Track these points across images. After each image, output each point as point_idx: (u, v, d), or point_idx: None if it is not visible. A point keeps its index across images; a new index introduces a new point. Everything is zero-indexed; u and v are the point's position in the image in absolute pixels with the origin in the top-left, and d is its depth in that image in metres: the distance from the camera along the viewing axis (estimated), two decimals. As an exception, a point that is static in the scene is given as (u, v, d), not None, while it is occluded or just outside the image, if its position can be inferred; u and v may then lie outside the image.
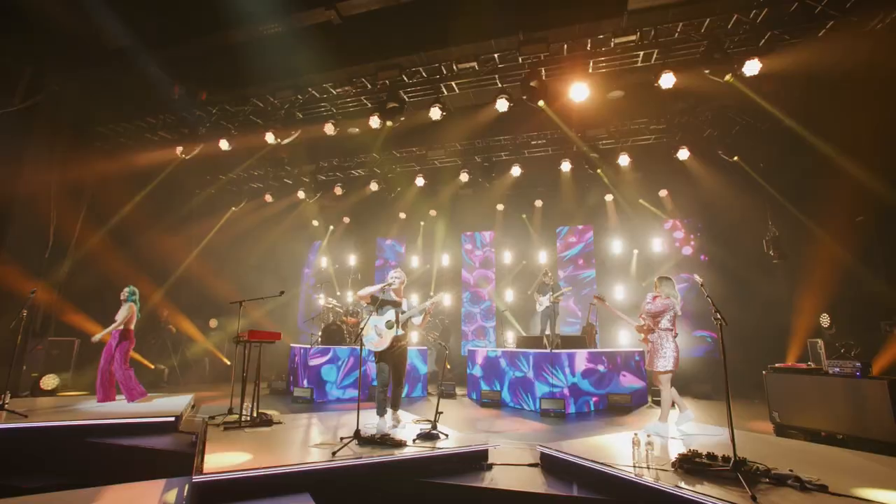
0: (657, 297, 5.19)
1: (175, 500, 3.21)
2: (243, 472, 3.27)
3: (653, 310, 5.13)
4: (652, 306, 5.14)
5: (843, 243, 7.68)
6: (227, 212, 11.34)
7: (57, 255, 7.74)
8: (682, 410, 5.10)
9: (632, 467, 3.41)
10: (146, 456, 4.53)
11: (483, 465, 4.13)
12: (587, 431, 5.66)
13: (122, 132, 8.89)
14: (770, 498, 2.80)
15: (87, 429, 4.90)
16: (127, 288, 6.51)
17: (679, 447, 4.11)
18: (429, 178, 10.39)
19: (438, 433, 4.44)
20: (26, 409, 5.31)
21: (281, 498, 3.23)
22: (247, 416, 5.02)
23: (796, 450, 4.13)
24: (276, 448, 3.98)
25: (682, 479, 3.15)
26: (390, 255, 13.90)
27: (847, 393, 4.76)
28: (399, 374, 4.96)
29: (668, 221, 11.06)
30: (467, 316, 12.96)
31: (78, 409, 5.56)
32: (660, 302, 5.13)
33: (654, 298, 5.19)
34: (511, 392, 7.78)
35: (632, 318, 5.86)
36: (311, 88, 7.74)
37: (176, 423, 5.30)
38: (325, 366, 8.19)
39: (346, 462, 3.61)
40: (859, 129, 6.30)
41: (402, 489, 3.66)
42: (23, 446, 4.67)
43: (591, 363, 7.60)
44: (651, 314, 5.13)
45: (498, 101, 7.02)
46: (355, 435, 4.10)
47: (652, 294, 5.28)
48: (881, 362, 6.83)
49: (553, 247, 12.38)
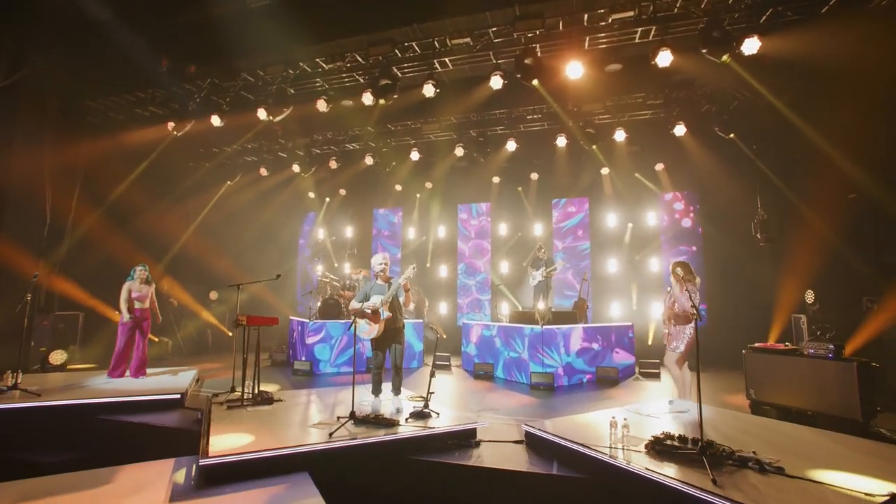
0: (686, 285, 4.87)
1: (184, 480, 3.47)
2: (246, 454, 3.51)
3: (696, 302, 4.67)
4: (694, 296, 4.76)
5: (832, 222, 7.79)
6: (223, 186, 11.31)
7: (55, 234, 7.82)
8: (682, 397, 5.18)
9: (607, 448, 3.66)
10: (154, 433, 4.82)
11: (472, 442, 4.41)
12: (574, 406, 5.96)
13: (112, 107, 8.75)
14: (730, 480, 3.05)
15: (98, 407, 5.17)
16: (144, 267, 6.68)
17: (658, 427, 4.37)
18: (424, 153, 10.32)
19: (430, 412, 4.69)
20: (38, 386, 5.56)
21: (281, 477, 3.48)
22: (248, 395, 5.28)
23: (765, 428, 4.40)
24: (277, 428, 4.24)
25: (652, 461, 3.40)
26: (385, 226, 13.97)
27: (819, 373, 5.01)
28: (396, 360, 5.16)
29: (669, 193, 11.09)
30: (462, 288, 13.19)
31: (88, 387, 5.82)
32: (696, 291, 4.88)
33: (684, 288, 4.88)
34: (505, 370, 8.08)
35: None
36: (302, 63, 7.57)
37: (182, 399, 5.58)
38: (317, 345, 8.43)
39: (343, 443, 3.86)
40: (854, 112, 6.28)
41: (395, 467, 3.93)
42: (38, 424, 4.95)
43: (587, 342, 7.85)
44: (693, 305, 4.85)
45: (492, 79, 6.89)
46: (351, 416, 4.35)
47: (680, 285, 4.96)
48: (858, 339, 7.12)
49: (549, 219, 12.45)
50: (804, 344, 5.30)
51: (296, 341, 9.19)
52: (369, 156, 10.41)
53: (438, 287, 13.08)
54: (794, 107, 7.40)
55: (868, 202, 6.94)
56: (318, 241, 13.71)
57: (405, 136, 10.11)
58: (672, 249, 11.05)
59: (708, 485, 2.94)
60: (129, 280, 6.54)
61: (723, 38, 5.93)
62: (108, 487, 3.37)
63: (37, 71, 7.36)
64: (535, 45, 6.57)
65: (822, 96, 6.96)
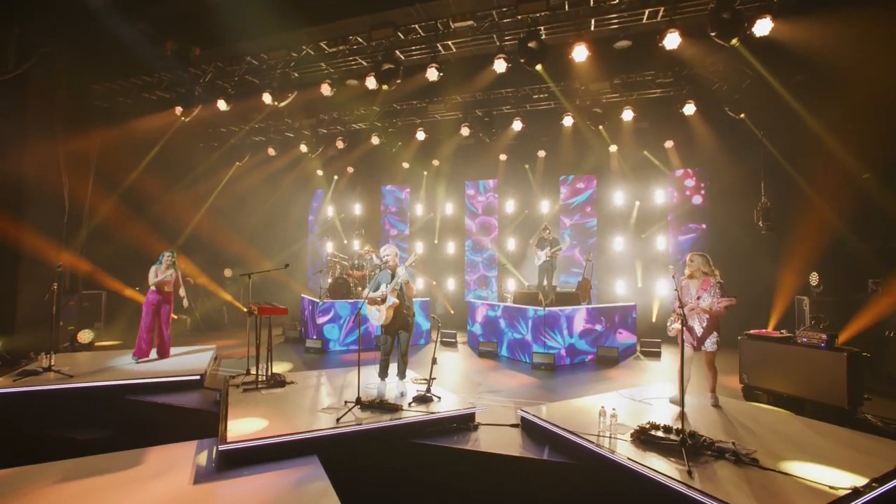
0: (708, 280, 4.69)
1: (205, 462, 3.82)
2: (260, 440, 3.84)
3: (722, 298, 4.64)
4: (721, 293, 4.65)
5: (839, 205, 7.71)
6: (233, 167, 11.47)
7: (74, 220, 8.13)
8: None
9: (595, 436, 3.90)
10: (177, 413, 5.21)
11: (470, 426, 4.70)
12: (572, 389, 6.20)
13: (120, 91, 8.86)
14: (706, 471, 3.28)
15: (125, 388, 5.58)
16: (171, 253, 6.94)
17: (650, 413, 4.60)
18: (429, 132, 10.29)
19: (432, 396, 4.98)
20: (70, 367, 5.99)
21: (293, 460, 3.81)
22: (262, 377, 5.62)
23: (750, 417, 4.60)
24: (289, 412, 4.56)
25: (636, 451, 3.63)
26: (392, 203, 14.08)
27: (811, 362, 5.14)
28: (402, 346, 5.41)
29: (680, 170, 10.96)
30: (469, 265, 13.39)
31: (115, 367, 6.22)
32: (719, 285, 4.69)
33: (706, 284, 4.69)
34: (509, 350, 8.36)
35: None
36: (305, 46, 7.54)
37: (201, 380, 5.97)
38: (327, 325, 8.75)
39: (349, 428, 4.17)
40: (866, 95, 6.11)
41: (398, 450, 4.25)
42: (72, 403, 5.38)
43: (590, 323, 8.04)
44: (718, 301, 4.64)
45: (496, 63, 6.80)
46: (357, 401, 4.65)
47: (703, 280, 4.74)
48: (860, 322, 7.19)
49: (556, 195, 12.43)
50: (798, 332, 5.41)
51: (307, 319, 9.56)
52: (375, 136, 10.41)
53: (446, 263, 13.30)
54: (805, 87, 7.20)
55: (876, 185, 6.85)
56: (326, 218, 13.92)
57: (411, 115, 10.07)
58: (681, 227, 11.03)
59: (684, 476, 3.16)
60: (156, 264, 6.82)
61: (733, 20, 5.75)
62: (139, 469, 3.74)
63: (45, 59, 7.45)
64: (540, 28, 6.44)
65: (834, 78, 6.75)
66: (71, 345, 7.86)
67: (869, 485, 3.04)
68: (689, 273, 4.93)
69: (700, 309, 4.75)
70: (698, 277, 4.84)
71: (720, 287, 4.74)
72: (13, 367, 6.51)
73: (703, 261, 4.87)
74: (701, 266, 4.82)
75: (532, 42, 6.33)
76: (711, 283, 4.72)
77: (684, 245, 11.05)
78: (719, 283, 4.74)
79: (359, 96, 8.90)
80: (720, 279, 4.79)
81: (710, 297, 4.70)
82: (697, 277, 4.85)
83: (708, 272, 4.79)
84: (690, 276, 4.92)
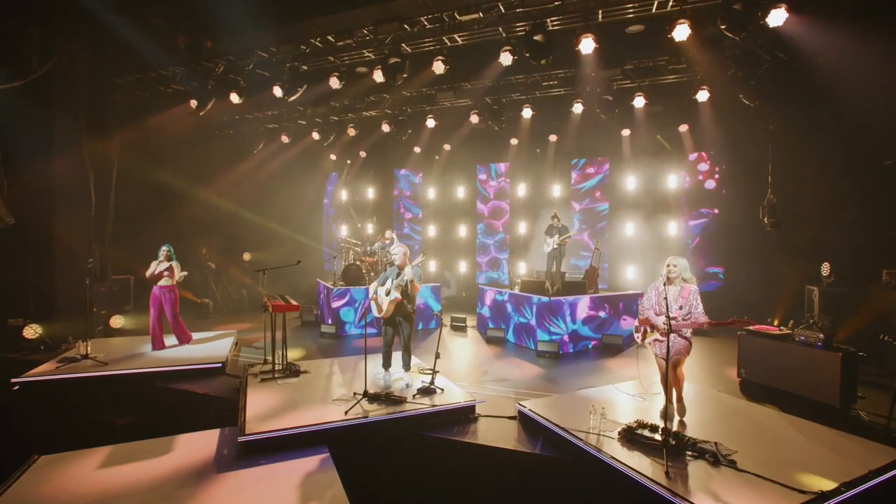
0: (687, 288, 4.42)
1: (227, 450, 4.23)
2: (276, 431, 4.22)
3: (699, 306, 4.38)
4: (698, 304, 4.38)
5: (855, 194, 7.56)
6: (247, 155, 11.75)
7: (101, 213, 8.57)
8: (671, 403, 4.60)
9: (584, 433, 4.15)
10: (200, 399, 5.65)
11: (471, 417, 5.01)
12: (573, 380, 6.42)
13: (138, 85, 9.11)
14: (683, 472, 3.50)
15: (154, 375, 6.07)
16: (168, 247, 7.09)
17: (644, 408, 4.82)
18: (439, 118, 10.30)
19: (435, 388, 5.30)
20: (105, 354, 6.51)
21: (305, 450, 4.19)
22: (279, 366, 6.02)
23: (739, 414, 4.78)
24: (302, 404, 4.93)
25: (622, 449, 3.88)
26: (406, 187, 14.24)
27: (807, 360, 5.25)
28: (405, 340, 5.71)
29: (693, 153, 10.80)
30: (481, 247, 13.58)
31: (145, 355, 6.71)
32: (699, 295, 4.44)
33: (686, 293, 4.40)
34: (515, 335, 8.63)
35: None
36: (312, 40, 7.59)
37: (223, 367, 6.42)
38: (343, 308, 9.12)
39: (356, 420, 4.52)
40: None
41: (401, 441, 4.59)
42: (109, 389, 5.89)
43: (593, 310, 8.21)
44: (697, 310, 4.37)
45: (502, 55, 6.77)
46: (364, 394, 5.00)
47: (683, 287, 4.44)
48: (867, 315, 7.18)
49: (567, 179, 12.39)
50: (796, 331, 5.48)
51: (322, 304, 9.96)
52: (386, 123, 10.49)
53: (458, 246, 13.53)
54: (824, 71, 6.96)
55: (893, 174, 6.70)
56: (340, 202, 14.18)
57: (420, 103, 10.08)
58: (692, 212, 10.94)
59: (660, 475, 3.40)
60: (155, 260, 6.99)
61: (745, 11, 5.58)
62: (169, 455, 4.17)
63: (66, 57, 7.71)
64: (546, 20, 6.36)
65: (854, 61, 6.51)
66: (104, 330, 8.43)
67: (837, 489, 3.23)
68: (668, 277, 4.47)
69: (683, 319, 4.35)
70: (677, 284, 4.46)
71: (699, 297, 4.40)
72: (54, 351, 7.11)
73: (685, 265, 4.50)
74: (682, 272, 4.45)
75: (538, 35, 6.27)
76: (691, 290, 4.39)
77: (695, 230, 11.00)
78: (698, 293, 4.43)
79: (369, 87, 8.94)
80: (692, 283, 4.47)
81: (694, 307, 4.35)
82: (676, 284, 4.46)
83: (688, 279, 4.46)
84: (669, 282, 4.48)
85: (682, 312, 4.36)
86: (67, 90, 7.93)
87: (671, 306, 4.34)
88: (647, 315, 4.58)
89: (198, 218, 11.19)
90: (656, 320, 4.48)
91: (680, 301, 4.39)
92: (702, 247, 10.97)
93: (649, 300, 4.61)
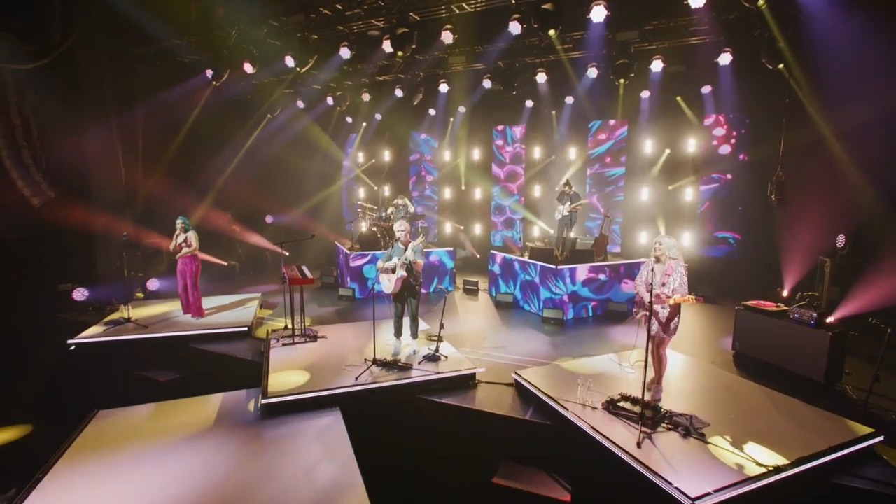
0: (671, 265, 4.53)
1: (252, 410, 4.83)
2: (294, 395, 4.77)
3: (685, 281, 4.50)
4: (684, 277, 4.51)
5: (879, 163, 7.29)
6: (265, 120, 11.96)
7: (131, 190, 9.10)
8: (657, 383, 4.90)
9: (571, 402, 4.54)
10: (229, 360, 6.28)
11: (471, 384, 5.47)
12: (576, 346, 6.76)
13: (157, 54, 9.28)
14: (654, 442, 3.86)
15: (188, 338, 6.72)
16: (181, 219, 7.24)
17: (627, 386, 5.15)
18: (453, 82, 10.18)
19: (440, 356, 5.74)
20: (145, 318, 7.20)
21: (320, 411, 4.74)
22: (298, 331, 6.56)
23: (723, 387, 5.07)
24: (318, 368, 5.46)
25: (604, 419, 4.25)
26: (422, 149, 14.27)
27: (798, 337, 5.42)
28: (412, 311, 6.11)
29: (711, 116, 10.45)
30: (497, 208, 13.74)
31: (180, 319, 7.36)
32: (684, 270, 4.54)
33: (670, 269, 4.52)
34: (522, 292, 9.05)
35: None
36: (321, 8, 7.55)
37: (249, 331, 7.05)
38: (365, 265, 9.62)
39: (366, 386, 5.03)
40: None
41: (406, 404, 5.10)
42: (150, 350, 6.60)
43: (593, 272, 8.44)
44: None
45: (511, 24, 6.63)
46: (374, 361, 5.49)
47: (669, 264, 4.54)
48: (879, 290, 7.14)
49: (584, 143, 12.20)
50: (792, 308, 5.61)
51: (342, 265, 10.43)
52: (399, 88, 10.43)
53: (473, 208, 13.69)
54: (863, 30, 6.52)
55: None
56: (358, 164, 14.37)
57: (433, 67, 9.94)
58: (703, 178, 10.77)
59: (632, 446, 3.77)
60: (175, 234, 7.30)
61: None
62: (206, 412, 4.80)
63: (87, 30, 7.90)
64: (557, -13, 6.15)
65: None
66: (143, 293, 9.18)
67: (793, 463, 3.54)
68: (656, 256, 4.60)
69: (665, 296, 4.48)
70: (664, 262, 4.57)
71: (685, 272, 4.52)
72: (100, 312, 7.86)
73: (672, 244, 4.60)
74: (669, 251, 4.55)
75: (546, 4, 6.09)
76: (674, 266, 4.49)
77: (705, 195, 10.87)
78: (684, 268, 4.52)
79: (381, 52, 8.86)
80: (685, 264, 4.57)
81: (673, 282, 4.48)
82: (664, 262, 4.57)
83: (675, 257, 4.55)
84: (657, 261, 4.61)
85: (665, 290, 4.49)
86: (91, 63, 8.20)
87: (656, 283, 4.52)
88: (638, 290, 4.80)
89: (222, 186, 11.64)
90: (644, 296, 4.64)
91: (664, 278, 4.53)
92: (711, 211, 10.87)
93: (640, 277, 4.82)
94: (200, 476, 3.77)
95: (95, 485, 3.69)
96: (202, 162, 10.77)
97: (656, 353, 4.81)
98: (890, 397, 5.03)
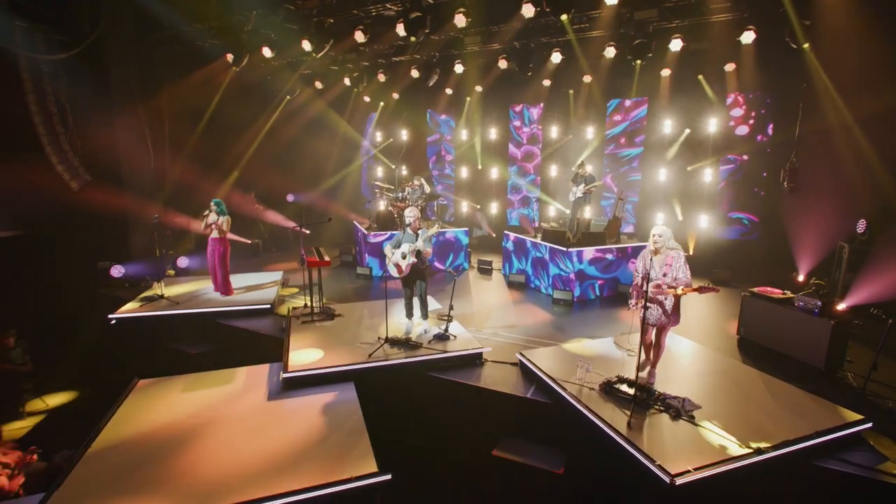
0: (671, 256, 4.59)
1: (274, 383, 5.25)
2: (312, 370, 5.17)
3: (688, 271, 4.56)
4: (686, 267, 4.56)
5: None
6: (284, 101, 12.21)
7: (159, 171, 9.55)
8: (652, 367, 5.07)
9: (569, 383, 4.78)
10: (253, 336, 6.75)
11: (478, 362, 5.77)
12: (582, 327, 6.98)
13: (179, 38, 9.54)
14: (643, 423, 4.09)
15: (216, 314, 7.21)
16: (215, 202, 7.52)
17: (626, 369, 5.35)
18: (468, 63, 10.15)
19: (449, 335, 6.04)
20: (177, 295, 7.72)
21: (336, 385, 5.13)
22: (317, 308, 6.95)
23: (721, 372, 5.22)
24: (335, 344, 5.84)
25: (600, 400, 4.49)
26: (439, 129, 14.31)
27: (802, 324, 5.49)
28: (421, 294, 6.40)
29: (731, 96, 10.17)
30: (513, 187, 13.80)
31: (209, 296, 7.85)
32: (684, 258, 4.60)
33: (672, 258, 4.57)
34: (533, 268, 9.31)
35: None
36: (336, -8, 7.63)
37: (272, 308, 7.49)
38: (385, 241, 9.92)
39: (378, 363, 5.39)
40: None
41: (416, 381, 5.45)
42: (182, 324, 7.12)
43: (600, 252, 8.57)
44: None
45: (523, 7, 6.59)
46: (386, 339, 5.84)
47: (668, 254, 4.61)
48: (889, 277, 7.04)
49: (602, 122, 12.03)
50: (797, 296, 5.66)
51: (361, 243, 10.76)
52: (415, 69, 10.46)
53: (490, 187, 13.75)
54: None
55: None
56: (376, 143, 14.53)
57: (448, 48, 9.92)
58: (720, 158, 10.57)
59: (623, 426, 4.01)
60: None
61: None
62: (233, 384, 5.26)
63: (111, 22, 8.20)
64: (570, -32, 6.07)
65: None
66: (174, 269, 9.74)
67: (775, 446, 3.72)
68: (654, 248, 4.66)
69: (667, 286, 4.53)
70: (663, 253, 4.63)
71: (685, 261, 4.57)
72: (135, 288, 8.43)
73: (669, 234, 4.64)
74: (667, 242, 4.60)
75: (559, -13, 6.04)
76: (675, 256, 4.56)
77: (721, 175, 10.71)
78: (684, 257, 4.57)
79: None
80: (685, 252, 4.62)
81: (675, 271, 4.54)
82: (662, 253, 4.64)
83: (673, 247, 4.61)
84: (656, 252, 4.67)
85: (666, 279, 4.59)
86: (118, 52, 8.52)
87: (656, 273, 4.65)
88: (637, 281, 4.94)
89: (244, 166, 12.04)
90: (641, 284, 4.76)
91: (665, 268, 4.61)
92: (726, 191, 10.72)
93: (637, 267, 4.94)
94: (226, 443, 4.19)
95: (139, 447, 4.17)
96: (225, 144, 11.14)
97: (657, 339, 4.97)
98: (891, 386, 5.10)
